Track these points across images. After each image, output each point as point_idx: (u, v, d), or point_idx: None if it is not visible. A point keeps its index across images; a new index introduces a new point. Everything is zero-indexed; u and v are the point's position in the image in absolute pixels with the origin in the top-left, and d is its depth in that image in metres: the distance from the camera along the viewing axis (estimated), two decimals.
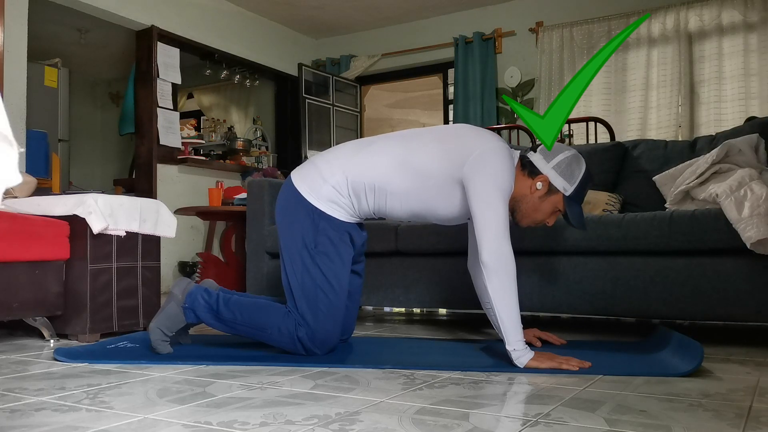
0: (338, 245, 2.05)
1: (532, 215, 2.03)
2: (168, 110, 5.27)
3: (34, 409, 1.40)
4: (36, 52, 4.95)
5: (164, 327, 2.07)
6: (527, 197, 2.00)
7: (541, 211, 2.01)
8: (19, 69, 4.23)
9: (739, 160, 2.54)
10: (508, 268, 1.85)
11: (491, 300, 1.86)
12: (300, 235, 2.05)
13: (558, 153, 1.99)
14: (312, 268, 2.03)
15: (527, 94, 5.80)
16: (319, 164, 2.09)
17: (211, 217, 4.79)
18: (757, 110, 4.81)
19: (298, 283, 2.03)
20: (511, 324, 1.83)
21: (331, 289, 2.02)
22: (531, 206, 2.01)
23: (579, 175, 1.98)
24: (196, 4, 5.57)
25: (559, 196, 1.98)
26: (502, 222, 1.88)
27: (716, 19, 5.03)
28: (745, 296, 2.15)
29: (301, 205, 2.06)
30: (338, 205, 2.05)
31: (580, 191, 1.99)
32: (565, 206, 1.99)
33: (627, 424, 1.24)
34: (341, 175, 2.03)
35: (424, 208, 2.04)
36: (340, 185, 2.03)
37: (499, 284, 1.84)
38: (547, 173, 1.97)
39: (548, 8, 5.72)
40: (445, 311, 3.60)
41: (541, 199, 1.99)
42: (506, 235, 1.87)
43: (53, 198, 2.56)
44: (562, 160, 1.98)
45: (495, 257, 1.84)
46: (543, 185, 1.98)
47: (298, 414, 1.33)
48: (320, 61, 6.83)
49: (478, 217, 1.89)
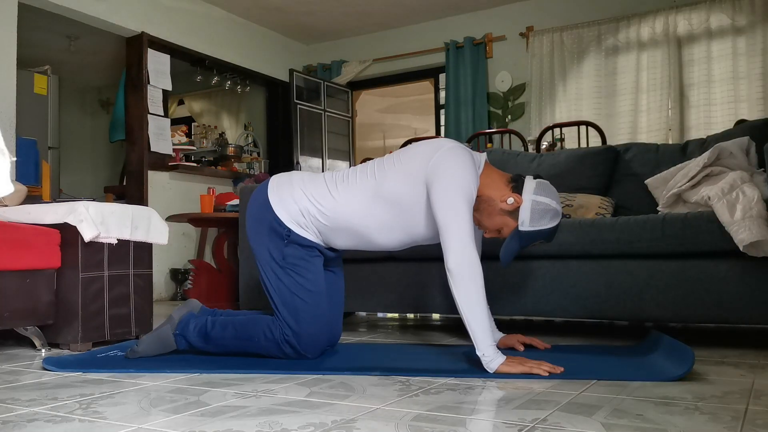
0: (306, 256, 2.07)
1: (482, 217, 1.98)
2: (159, 117, 5.25)
3: (27, 420, 1.38)
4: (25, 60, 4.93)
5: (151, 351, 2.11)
6: (493, 201, 1.95)
7: (490, 221, 1.98)
8: (9, 76, 4.21)
9: (731, 163, 2.55)
10: (473, 273, 1.83)
11: (458, 305, 1.85)
12: (266, 249, 2.08)
13: (547, 196, 1.94)
14: (284, 278, 2.04)
15: (518, 98, 5.82)
16: (295, 183, 2.09)
17: (203, 223, 4.77)
18: (746, 113, 4.85)
19: (275, 291, 2.05)
20: (479, 329, 1.81)
21: (308, 294, 2.03)
22: (488, 209, 1.96)
23: (543, 225, 1.92)
24: (186, 10, 5.56)
25: (513, 224, 1.94)
26: (467, 227, 1.86)
27: (705, 22, 5.07)
28: (738, 298, 2.16)
29: (269, 214, 2.07)
30: (303, 228, 2.06)
31: (530, 236, 1.94)
32: (509, 235, 1.96)
33: (624, 429, 1.24)
34: (309, 204, 2.04)
35: (409, 233, 2.03)
36: (306, 212, 2.04)
37: (465, 290, 1.83)
38: (525, 200, 1.93)
39: (538, 13, 5.74)
40: (439, 316, 3.60)
41: (500, 212, 1.95)
42: (471, 241, 1.85)
43: (44, 206, 2.54)
44: (544, 203, 1.92)
45: (460, 263, 1.83)
46: (513, 204, 1.93)
47: (294, 422, 1.32)
48: (311, 66, 6.83)
49: (441, 223, 1.88)
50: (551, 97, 5.62)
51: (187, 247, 5.55)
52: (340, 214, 2.02)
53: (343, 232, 2.05)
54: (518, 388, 1.64)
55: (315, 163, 6.44)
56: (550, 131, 4.64)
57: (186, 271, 5.26)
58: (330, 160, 6.60)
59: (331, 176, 2.11)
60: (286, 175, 2.18)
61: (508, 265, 2.00)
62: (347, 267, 2.56)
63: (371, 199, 2.00)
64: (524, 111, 5.77)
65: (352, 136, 6.89)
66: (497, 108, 5.89)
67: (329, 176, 2.11)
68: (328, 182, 2.08)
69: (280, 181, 2.13)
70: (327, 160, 6.57)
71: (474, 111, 5.88)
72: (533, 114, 5.67)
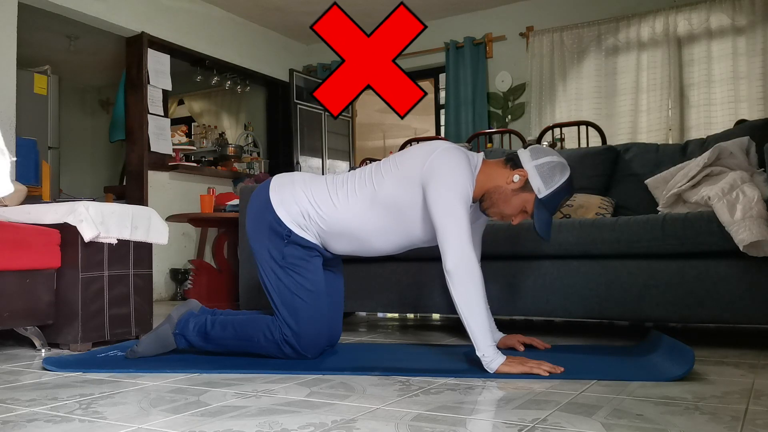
0: (306, 256, 2.07)
1: (501, 206, 1.98)
2: (159, 117, 5.25)
3: (27, 420, 1.38)
4: (25, 60, 4.93)
5: (151, 351, 2.11)
6: (501, 188, 1.95)
7: (510, 205, 1.97)
8: (9, 76, 4.21)
9: (731, 163, 2.55)
10: (472, 274, 1.83)
11: (457, 306, 1.84)
12: (266, 249, 2.07)
13: (546, 155, 1.95)
14: (285, 279, 2.04)
15: (518, 98, 5.82)
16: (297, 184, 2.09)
17: (203, 223, 4.77)
18: (746, 113, 4.85)
19: (275, 291, 2.05)
20: (478, 330, 1.81)
21: (307, 294, 2.03)
22: (502, 197, 1.96)
23: (558, 182, 1.92)
24: (186, 10, 5.56)
25: (532, 196, 1.93)
26: (464, 228, 1.85)
27: (705, 22, 5.07)
28: (738, 298, 2.16)
29: (270, 214, 2.06)
30: (303, 229, 2.06)
31: (553, 198, 1.93)
32: (534, 209, 1.95)
33: (624, 429, 1.24)
34: (309, 207, 2.04)
35: (407, 237, 2.03)
36: (307, 214, 2.04)
37: (464, 291, 1.82)
38: (528, 169, 1.93)
39: (538, 13, 5.74)
40: (439, 316, 3.60)
41: (513, 193, 1.94)
42: (468, 241, 1.84)
43: (44, 206, 2.54)
44: (546, 162, 1.93)
45: (458, 265, 1.83)
46: (520, 179, 1.93)
47: (294, 422, 1.32)
48: (311, 66, 6.83)
49: (438, 225, 1.87)
50: (551, 97, 5.62)
51: (187, 247, 5.55)
52: (339, 221, 2.02)
53: (342, 237, 2.05)
54: (518, 388, 1.64)
55: (315, 163, 6.44)
56: (550, 131, 4.64)
57: (186, 271, 5.26)
58: (330, 160, 6.60)
59: (332, 180, 2.10)
60: (287, 176, 2.18)
61: (550, 237, 1.99)
62: (347, 267, 2.56)
63: (369, 205, 2.00)
64: (524, 111, 5.77)
65: (352, 136, 6.89)
66: (497, 108, 5.89)
67: (330, 179, 2.11)
68: (329, 186, 2.07)
69: (282, 181, 2.13)
70: (327, 160, 6.57)
71: (474, 111, 5.88)
72: (533, 114, 5.67)
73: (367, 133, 9.60)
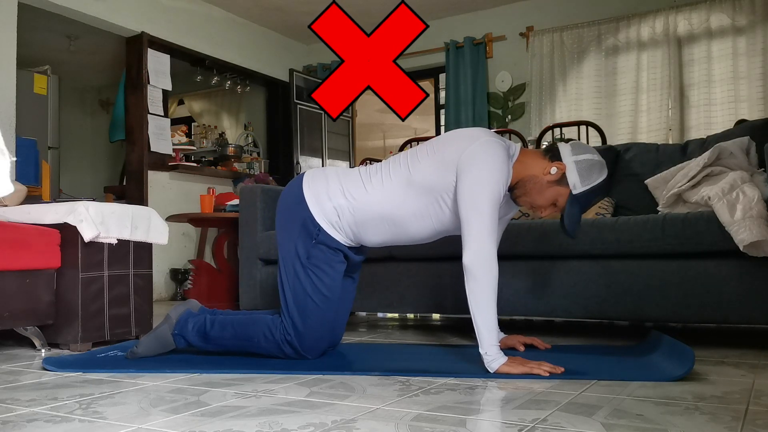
0: (331, 260, 2.05)
1: (533, 196, 1.96)
2: (159, 117, 5.25)
3: (26, 420, 1.38)
4: (25, 60, 4.92)
5: (151, 352, 2.10)
6: (537, 178, 1.94)
7: (542, 196, 1.96)
8: (8, 76, 4.21)
9: (731, 163, 2.55)
10: (489, 271, 1.82)
11: (469, 301, 1.84)
12: (293, 245, 2.05)
13: (586, 152, 1.94)
14: (304, 279, 2.02)
15: (518, 98, 5.81)
16: (330, 179, 2.07)
17: (203, 223, 4.77)
18: (746, 113, 4.85)
19: (290, 288, 2.04)
20: (485, 328, 1.81)
21: (322, 299, 2.02)
22: (536, 188, 1.95)
23: (595, 180, 1.91)
24: (186, 10, 5.56)
25: (566, 191, 1.93)
26: (487, 224, 1.84)
27: (705, 22, 5.07)
28: (738, 298, 2.16)
29: (302, 210, 2.04)
30: (335, 228, 2.04)
31: (587, 196, 1.93)
32: (566, 204, 1.95)
33: (624, 429, 1.24)
34: (344, 200, 2.02)
35: (440, 221, 2.00)
36: (341, 209, 2.02)
37: (478, 288, 1.82)
38: (567, 164, 1.92)
39: (538, 13, 5.74)
40: (439, 317, 3.59)
41: (548, 185, 1.94)
42: (490, 239, 1.84)
43: (43, 206, 2.54)
44: (586, 159, 1.92)
45: (477, 260, 1.82)
46: (557, 172, 1.92)
47: (294, 422, 1.32)
48: (311, 66, 6.83)
49: (463, 218, 1.87)
50: (551, 97, 5.62)
51: (187, 247, 5.55)
52: (373, 205, 1.99)
53: (378, 224, 2.01)
54: (518, 388, 1.64)
55: (315, 163, 6.44)
56: (550, 131, 4.63)
57: (186, 271, 5.26)
58: (330, 160, 6.60)
59: (366, 170, 2.09)
60: (320, 170, 2.15)
61: (576, 234, 1.97)
62: None
63: (404, 188, 1.98)
64: (524, 111, 5.77)
65: (352, 136, 6.89)
66: (497, 108, 5.89)
67: (364, 170, 2.09)
68: (363, 176, 2.06)
69: (315, 176, 2.11)
70: (327, 160, 6.57)
71: (474, 111, 5.88)
72: (533, 114, 5.67)
73: (367, 133, 9.60)
